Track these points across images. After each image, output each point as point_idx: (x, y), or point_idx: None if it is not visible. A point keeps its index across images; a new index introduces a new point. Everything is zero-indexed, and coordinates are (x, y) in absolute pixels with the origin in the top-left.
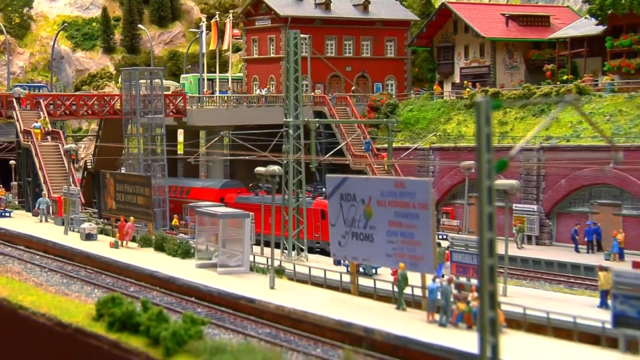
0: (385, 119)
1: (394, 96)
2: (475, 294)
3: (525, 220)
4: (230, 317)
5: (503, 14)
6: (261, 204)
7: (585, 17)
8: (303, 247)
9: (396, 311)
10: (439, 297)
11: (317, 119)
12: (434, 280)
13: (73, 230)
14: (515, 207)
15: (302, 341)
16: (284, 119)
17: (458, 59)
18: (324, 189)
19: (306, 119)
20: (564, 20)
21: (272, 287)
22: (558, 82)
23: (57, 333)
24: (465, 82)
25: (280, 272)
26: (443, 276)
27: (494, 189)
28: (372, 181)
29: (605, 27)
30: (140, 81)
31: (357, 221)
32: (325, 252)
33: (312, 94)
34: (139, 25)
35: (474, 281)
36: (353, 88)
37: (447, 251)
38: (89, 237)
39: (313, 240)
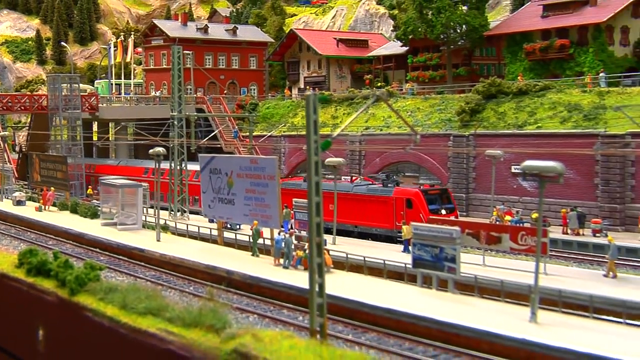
0: (248, 114)
1: (255, 97)
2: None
3: None
4: (125, 264)
5: (335, 38)
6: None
7: (393, 41)
8: (185, 210)
9: (252, 257)
10: (283, 246)
11: (196, 114)
12: (279, 233)
13: (7, 198)
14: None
15: (179, 281)
16: (171, 113)
17: (302, 70)
18: (394, 177)
19: (187, 114)
20: (379, 43)
21: (158, 240)
22: (374, 88)
23: None
24: (307, 87)
25: (165, 228)
26: (290, 229)
27: (319, 163)
28: (233, 159)
29: (408, 48)
30: (63, 85)
31: (222, 189)
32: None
33: (195, 95)
34: (64, 44)
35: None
36: (225, 91)
37: (291, 212)
38: (19, 203)
39: (395, 230)
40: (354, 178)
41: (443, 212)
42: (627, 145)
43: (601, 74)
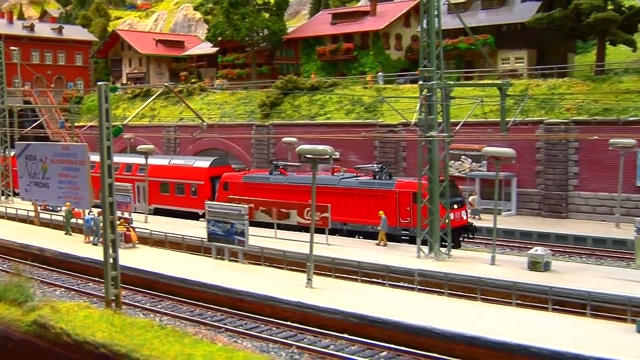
0: (73, 106)
1: (81, 91)
2: (117, 222)
3: None
4: None
5: (154, 39)
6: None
7: (205, 42)
8: (10, 193)
9: (65, 235)
10: (92, 224)
11: (20, 105)
12: (89, 213)
13: None
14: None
15: None
16: None
17: (125, 67)
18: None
19: (10, 105)
20: (194, 43)
21: None
22: (189, 83)
23: None
24: (129, 82)
25: None
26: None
27: (112, 148)
28: (48, 146)
29: (218, 48)
30: None
31: (37, 174)
32: (414, 240)
33: (22, 88)
34: None
35: (126, 214)
36: (52, 85)
37: None
38: None
39: (398, 227)
40: (335, 170)
41: (455, 206)
42: (393, 132)
43: (379, 73)
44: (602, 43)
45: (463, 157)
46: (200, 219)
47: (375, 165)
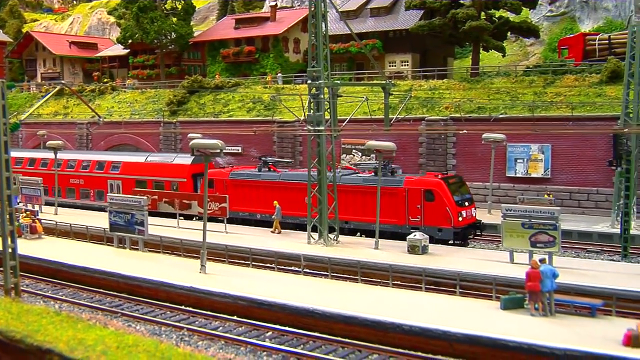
0: None
1: None
2: (24, 215)
3: None
4: None
5: (68, 41)
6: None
7: (117, 44)
8: None
9: None
10: None
11: None
12: None
13: None
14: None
15: None
16: None
17: (39, 67)
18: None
19: None
20: (107, 45)
21: None
22: (101, 83)
23: None
24: (43, 82)
25: None
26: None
27: (9, 144)
28: None
29: (129, 50)
30: None
31: None
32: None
33: None
34: None
35: (37, 207)
36: None
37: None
38: None
39: (407, 226)
40: (328, 167)
41: (466, 204)
42: (284, 127)
43: (279, 74)
44: (477, 49)
45: (354, 150)
46: (181, 218)
47: (375, 161)
